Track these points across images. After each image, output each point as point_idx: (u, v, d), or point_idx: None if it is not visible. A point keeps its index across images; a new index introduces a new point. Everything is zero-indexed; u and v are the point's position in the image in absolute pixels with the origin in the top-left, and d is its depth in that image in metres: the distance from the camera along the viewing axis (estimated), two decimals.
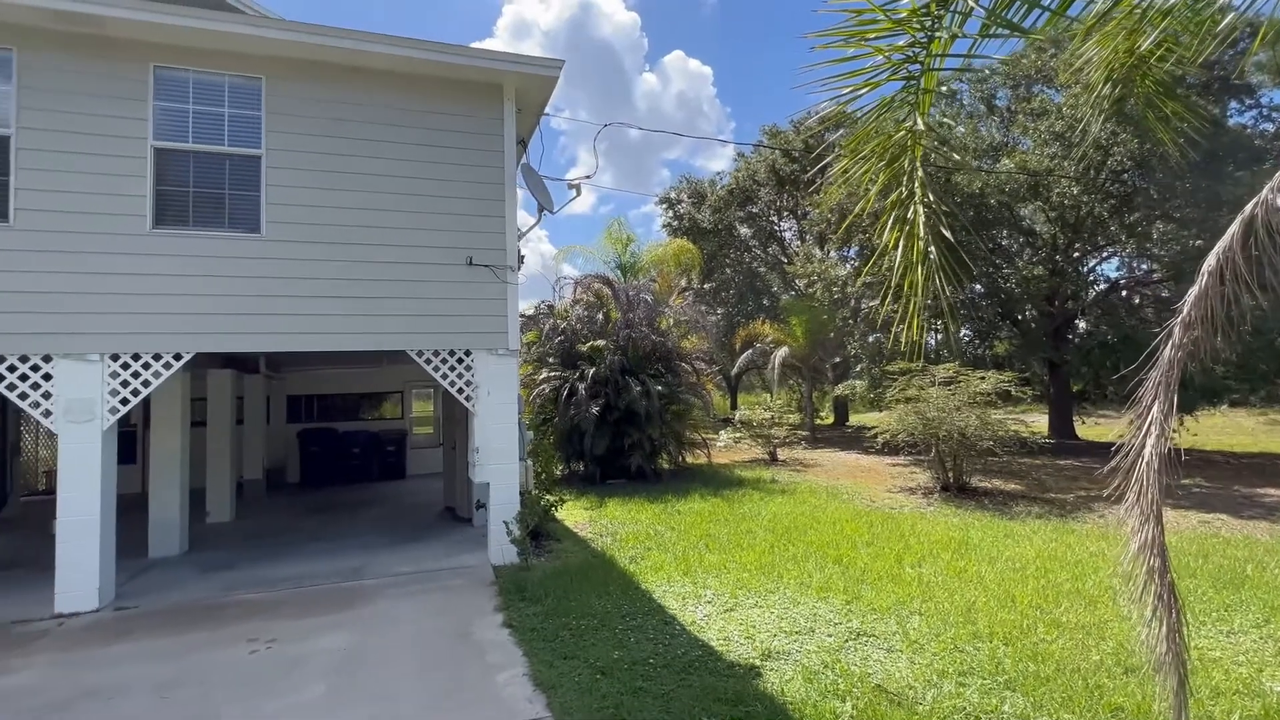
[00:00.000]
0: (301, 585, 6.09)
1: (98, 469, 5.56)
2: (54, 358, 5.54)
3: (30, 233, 5.54)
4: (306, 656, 4.48)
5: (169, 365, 5.82)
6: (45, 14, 5.51)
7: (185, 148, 6.01)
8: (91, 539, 5.51)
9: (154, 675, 4.25)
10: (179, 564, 6.93)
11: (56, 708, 3.86)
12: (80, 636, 4.98)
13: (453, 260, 6.67)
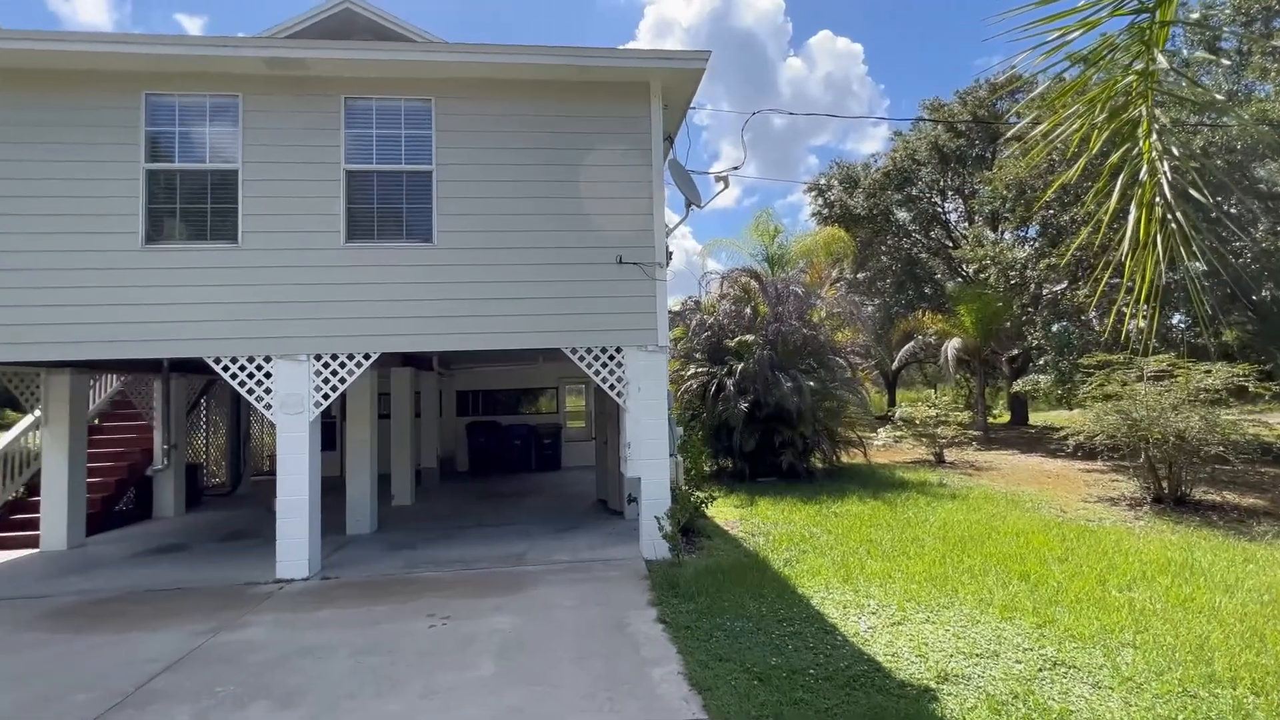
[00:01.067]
0: (471, 567, 6.56)
1: (306, 455, 6.39)
2: (273, 358, 6.45)
3: (254, 251, 6.48)
4: (476, 635, 4.77)
5: (360, 364, 6.54)
6: (261, 63, 6.41)
7: (370, 169, 6.71)
8: (303, 516, 6.35)
9: (353, 641, 4.76)
10: (370, 541, 7.79)
11: (279, 661, 4.45)
12: (295, 601, 5.74)
13: (604, 260, 6.81)
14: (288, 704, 3.85)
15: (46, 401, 7.89)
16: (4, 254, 6.20)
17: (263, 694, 3.98)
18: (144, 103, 6.43)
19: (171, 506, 9.80)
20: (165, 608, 5.67)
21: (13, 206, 6.24)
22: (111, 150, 6.39)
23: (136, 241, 6.35)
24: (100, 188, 6.36)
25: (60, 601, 5.94)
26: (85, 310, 6.27)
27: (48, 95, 6.34)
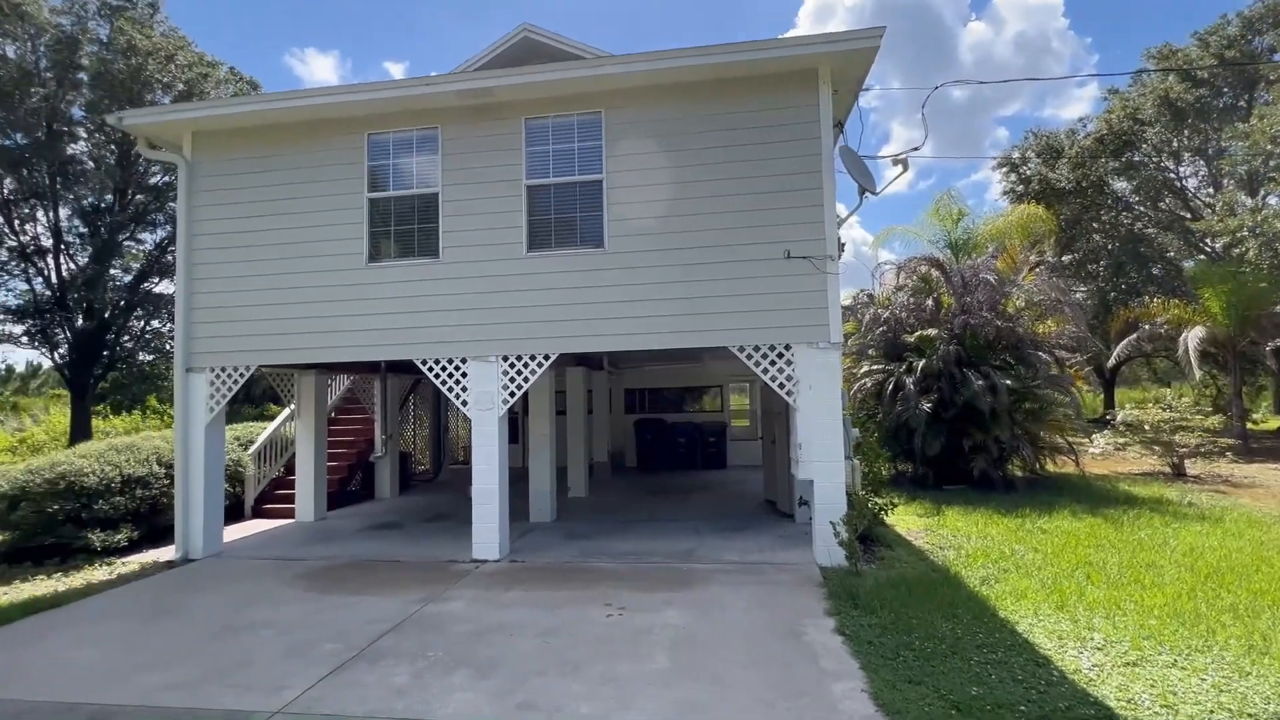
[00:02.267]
0: (643, 560, 6.74)
1: (496, 447, 7.00)
2: (467, 359, 7.15)
3: (452, 264, 7.24)
4: (650, 628, 4.88)
5: (540, 364, 7.02)
6: (454, 95, 7.13)
7: (546, 182, 7.17)
8: (494, 503, 6.96)
9: (538, 621, 5.10)
10: (550, 530, 8.34)
11: (478, 634, 4.91)
12: (488, 580, 6.30)
13: (771, 255, 6.63)
14: (485, 674, 4.22)
15: (298, 398, 9.52)
16: (266, 277, 7.56)
17: (465, 662, 4.41)
18: (366, 142, 7.49)
19: (388, 489, 11.33)
20: (387, 577, 6.53)
21: (273, 238, 7.58)
22: (343, 185, 7.52)
23: (361, 261, 7.40)
24: (334, 217, 7.51)
25: (311, 565, 7.11)
26: (324, 321, 7.44)
27: (296, 142, 7.62)
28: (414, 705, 3.85)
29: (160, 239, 22.08)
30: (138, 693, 4.13)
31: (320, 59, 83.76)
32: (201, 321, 7.70)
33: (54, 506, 7.53)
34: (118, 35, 19.26)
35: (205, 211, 7.79)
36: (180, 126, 7.78)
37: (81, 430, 19.91)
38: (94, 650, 4.93)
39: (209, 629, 5.27)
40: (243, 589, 6.31)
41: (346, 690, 4.08)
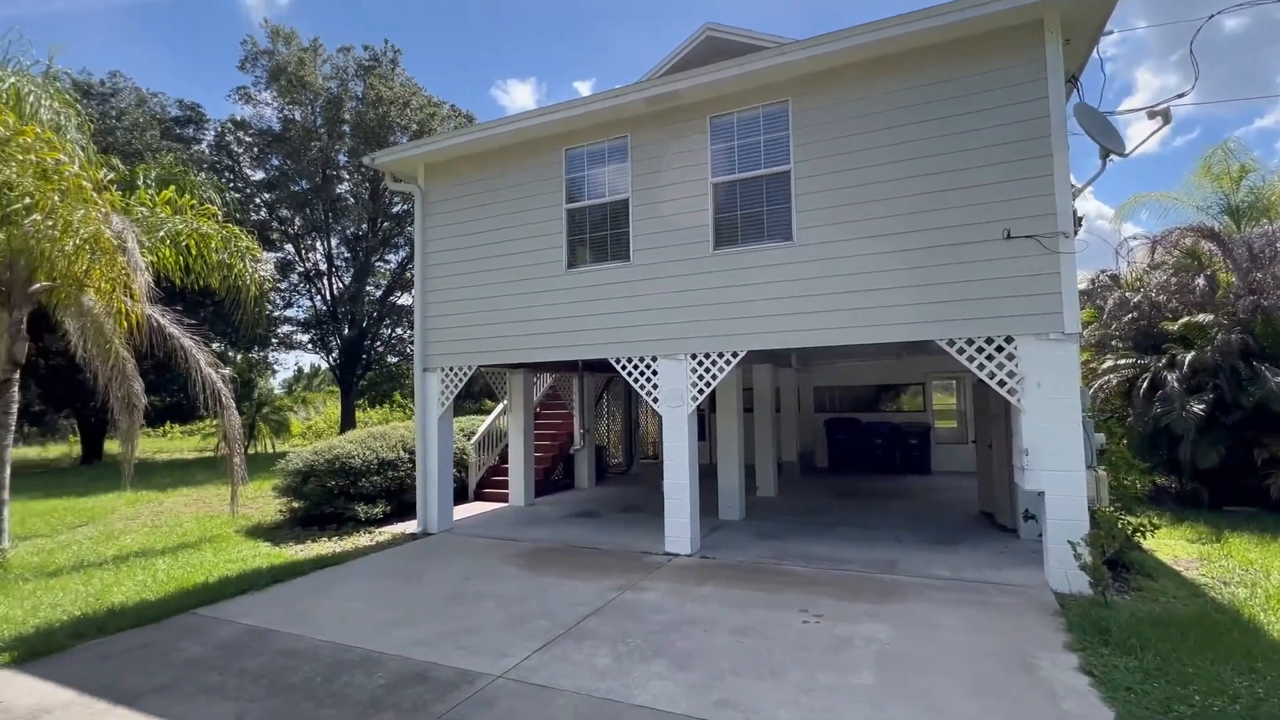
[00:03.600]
0: (839, 567, 6.38)
1: (686, 443, 7.10)
2: (658, 358, 7.35)
3: (641, 266, 7.49)
4: (851, 640, 4.59)
5: (729, 362, 6.98)
6: (642, 103, 7.37)
7: (731, 178, 7.11)
8: (685, 498, 7.08)
9: (732, 619, 5.07)
10: (739, 528, 8.27)
11: (673, 625, 5.01)
12: (681, 574, 6.41)
13: (987, 236, 5.89)
14: (682, 665, 4.28)
15: (510, 394, 10.57)
16: (482, 286, 8.46)
17: (662, 652, 4.52)
18: (563, 157, 8.06)
19: (587, 479, 12.11)
20: (588, 563, 6.96)
21: (487, 251, 8.47)
22: (544, 199, 8.17)
23: (561, 268, 7.97)
24: (537, 229, 8.19)
25: (523, 546, 7.83)
26: (530, 324, 8.14)
27: (504, 163, 8.43)
28: (615, 687, 4.02)
29: (401, 258, 26.02)
30: (394, 644, 4.85)
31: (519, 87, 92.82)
32: (434, 328, 8.88)
33: (331, 482, 9.19)
34: (369, 90, 23.03)
35: (435, 232, 8.97)
36: (415, 161, 9.04)
37: (348, 420, 24.19)
38: (361, 603, 5.90)
39: (443, 595, 6.04)
40: (468, 563, 7.15)
41: (556, 664, 4.40)
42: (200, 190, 9.12)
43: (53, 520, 10.27)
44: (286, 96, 23.05)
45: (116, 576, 6.89)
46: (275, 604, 5.92)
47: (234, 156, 23.63)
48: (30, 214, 5.99)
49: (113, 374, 8.35)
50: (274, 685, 4.26)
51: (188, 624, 5.51)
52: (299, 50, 23.37)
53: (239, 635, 5.19)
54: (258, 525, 9.49)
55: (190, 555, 7.81)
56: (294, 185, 23.57)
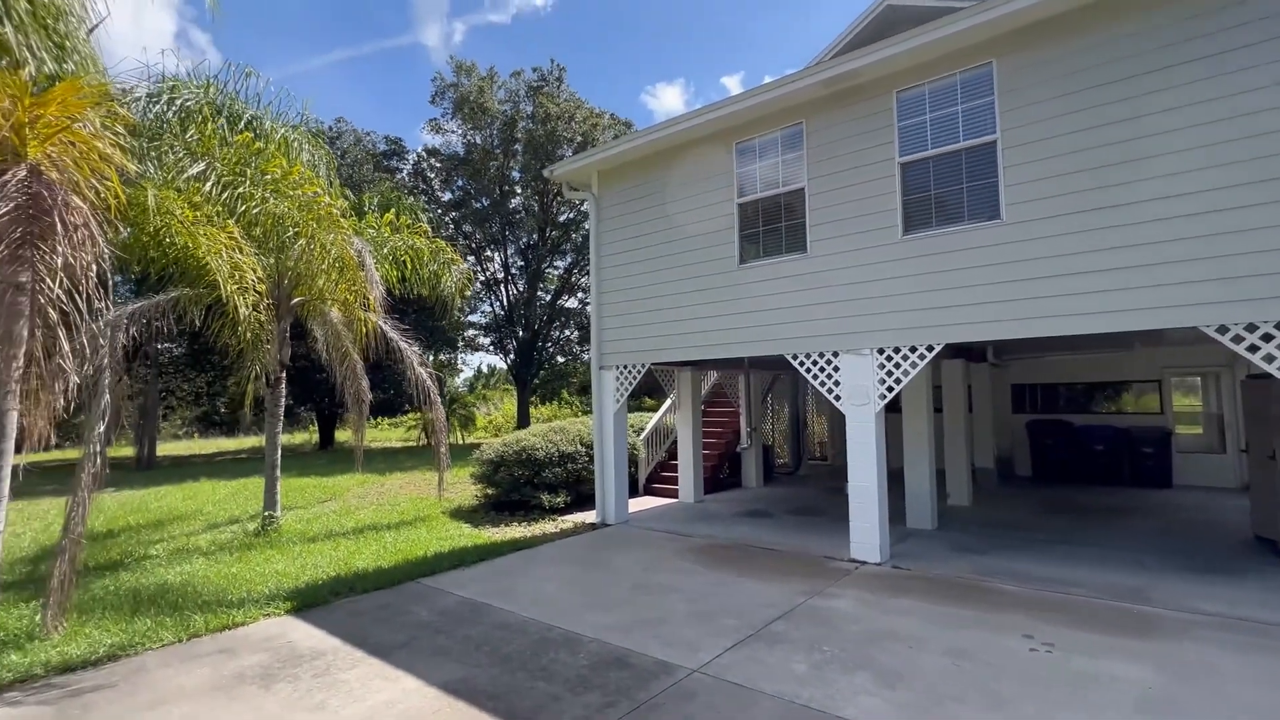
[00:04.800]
0: (1064, 590, 5.60)
1: (873, 444, 6.67)
2: (839, 353, 6.99)
3: (820, 257, 7.16)
4: (1095, 677, 3.98)
5: (922, 356, 6.43)
6: (819, 86, 7.03)
7: (923, 156, 6.54)
8: (873, 503, 6.65)
9: (940, 639, 4.64)
10: (931, 538, 7.60)
11: (871, 638, 4.71)
12: (871, 583, 6.02)
13: (1268, 197, 4.82)
14: (889, 683, 3.99)
15: (678, 391, 10.70)
16: (653, 286, 8.62)
17: (864, 665, 4.25)
18: (733, 151, 7.96)
19: (754, 478, 11.91)
20: (766, 564, 6.80)
21: (658, 251, 8.61)
22: (714, 195, 8.14)
23: (733, 264, 7.89)
24: (707, 226, 8.17)
25: (697, 542, 7.86)
26: (701, 322, 8.15)
27: (672, 164, 8.52)
28: (818, 696, 3.85)
29: (567, 264, 27.57)
30: (590, 627, 5.09)
31: (668, 90, 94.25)
32: (608, 328, 9.24)
33: (518, 472, 9.95)
34: (538, 109, 24.70)
35: (608, 236, 9.33)
36: (588, 169, 9.47)
37: (524, 416, 26.15)
38: (554, 586, 6.29)
39: (628, 584, 6.23)
40: (647, 555, 7.32)
41: (751, 665, 4.32)
42: (411, 212, 10.35)
43: (305, 495, 12.24)
44: (469, 123, 25.45)
45: (357, 545, 8.02)
46: (482, 580, 6.50)
47: (427, 181, 26.60)
48: (297, 240, 7.20)
49: (346, 374, 9.74)
50: (493, 654, 4.65)
51: (415, 591, 6.24)
52: (478, 80, 25.69)
53: (457, 605, 5.76)
54: (458, 508, 10.53)
55: (409, 531, 8.86)
56: (475, 203, 25.98)
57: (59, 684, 4.42)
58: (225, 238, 7.95)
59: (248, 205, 6.82)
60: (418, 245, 9.94)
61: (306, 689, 4.23)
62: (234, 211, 7.09)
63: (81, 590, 6.02)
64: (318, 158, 8.26)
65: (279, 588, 6.25)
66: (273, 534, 8.75)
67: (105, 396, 5.53)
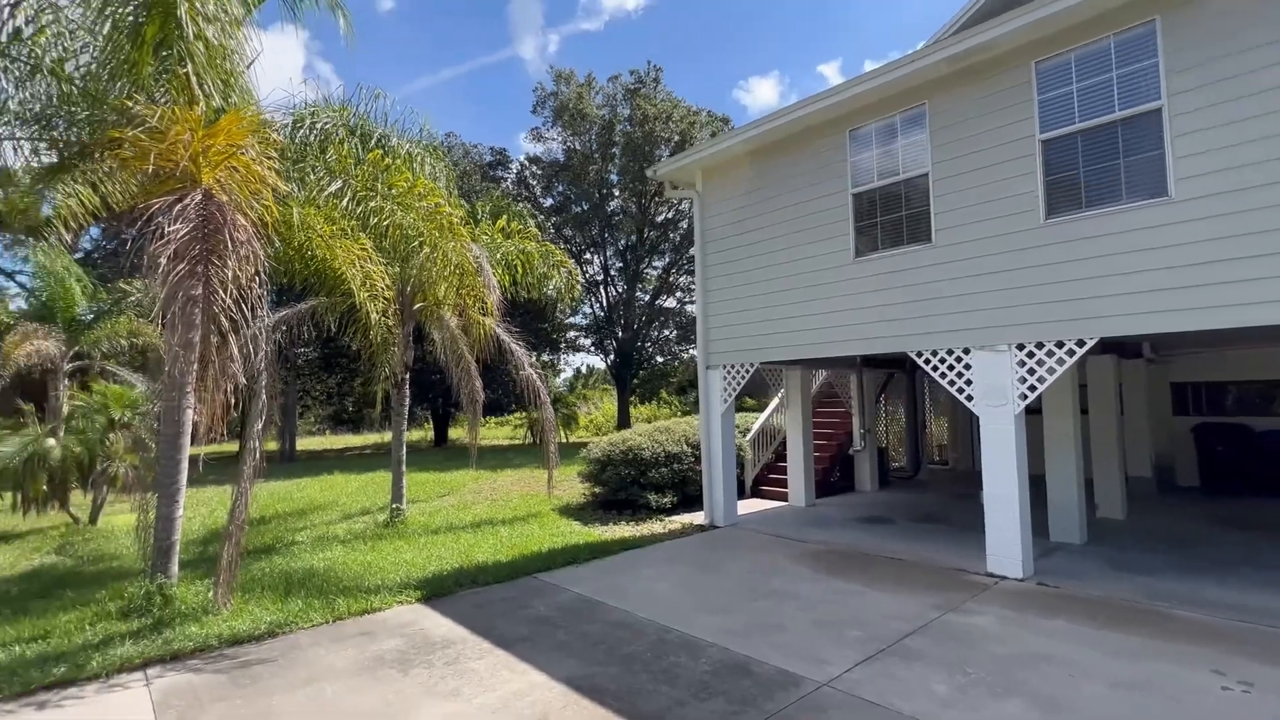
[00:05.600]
0: (1259, 621, 4.85)
1: (1013, 449, 6.10)
2: (970, 349, 6.46)
3: (946, 247, 6.67)
4: None
5: (1071, 352, 5.81)
6: (944, 63, 6.54)
7: (1069, 130, 5.91)
8: (1013, 513, 6.09)
9: (1105, 668, 4.15)
10: (1081, 554, 6.86)
11: (1021, 660, 4.28)
12: (1015, 600, 5.50)
13: None
14: (1048, 713, 3.60)
15: (786, 391, 10.37)
16: (761, 283, 8.39)
17: (1016, 691, 3.87)
18: (847, 139, 7.59)
19: (868, 483, 11.33)
20: (890, 573, 6.41)
21: (766, 248, 8.37)
22: (826, 186, 7.79)
23: (847, 257, 7.51)
24: (819, 219, 7.84)
25: (811, 547, 7.55)
26: (814, 319, 7.83)
27: (780, 157, 8.25)
28: None
29: (666, 264, 27.64)
30: (707, 631, 4.99)
31: (762, 84, 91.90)
32: (715, 326, 9.10)
33: (625, 471, 10.02)
34: (635, 111, 24.93)
35: (713, 234, 9.19)
36: (692, 167, 9.37)
37: (624, 415, 26.48)
38: (665, 586, 6.24)
39: (742, 588, 6.07)
40: (759, 559, 7.12)
41: (885, 682, 4.06)
42: (520, 218, 10.73)
43: (425, 490, 13.01)
44: (569, 129, 26.14)
45: (475, 539, 8.38)
46: (595, 577, 6.58)
47: (530, 188, 27.58)
48: (421, 249, 7.66)
49: (462, 375, 10.22)
50: (612, 653, 4.67)
51: (533, 586, 6.41)
52: (577, 87, 26.32)
53: (573, 601, 5.85)
54: (567, 505, 10.78)
55: (522, 527, 9.16)
56: (576, 207, 26.64)
57: (230, 655, 4.90)
58: (358, 249, 8.58)
59: (379, 218, 7.32)
60: (528, 249, 10.27)
61: (440, 675, 4.42)
62: (366, 224, 7.64)
63: (243, 571, 6.66)
64: (438, 170, 8.74)
65: (409, 577, 6.63)
66: (400, 525, 9.34)
67: (262, 397, 6.10)
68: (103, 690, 4.36)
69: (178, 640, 5.02)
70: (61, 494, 9.73)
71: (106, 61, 6.39)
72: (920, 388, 13.60)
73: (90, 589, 6.60)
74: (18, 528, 10.15)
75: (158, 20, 6.07)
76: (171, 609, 5.59)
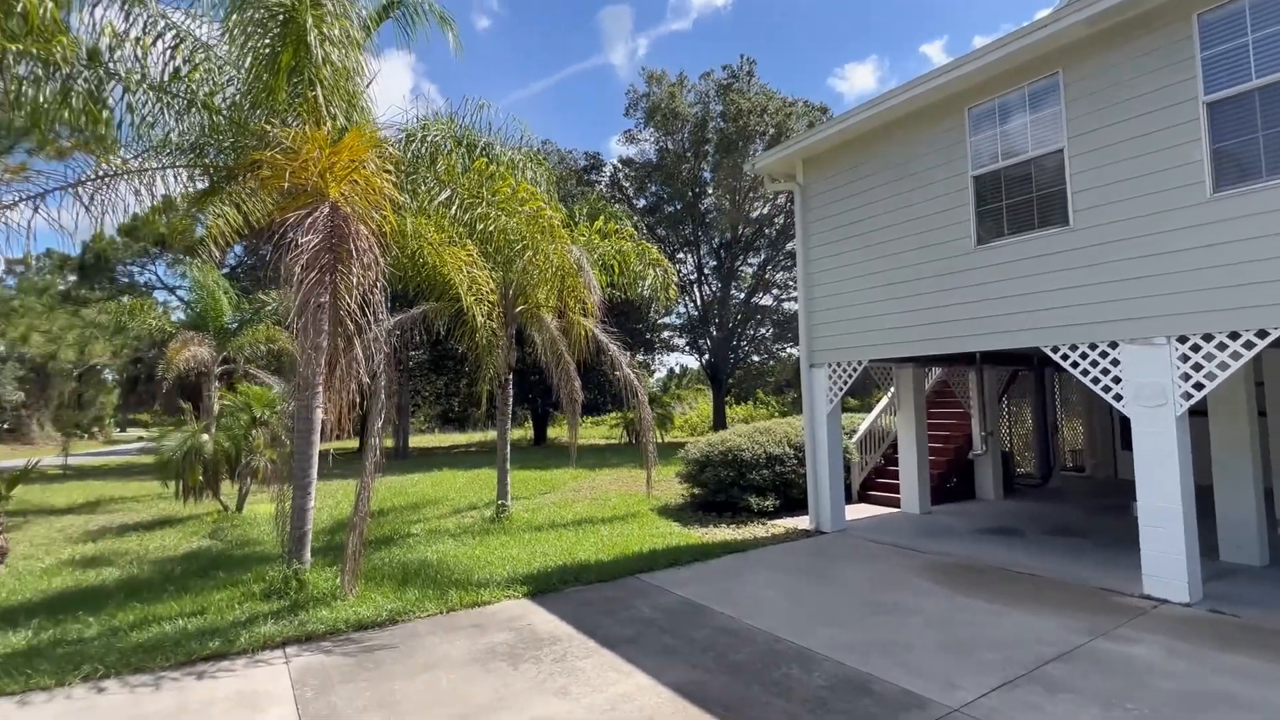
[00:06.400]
0: None
1: (1175, 457, 5.37)
2: (1119, 343, 5.75)
3: (1087, 230, 5.98)
4: None
5: (1250, 345, 5.02)
6: (1082, 24, 5.86)
7: (1244, 89, 5.12)
8: (1174, 527, 5.36)
9: None
10: (1262, 577, 5.94)
11: (1199, 701, 3.72)
12: (1181, 629, 4.82)
13: None
14: None
15: (897, 390, 9.76)
16: (869, 276, 7.92)
17: None
18: (966, 117, 7.00)
19: (991, 490, 10.46)
20: (1024, 591, 5.82)
21: (874, 239, 7.89)
22: (941, 170, 7.23)
23: (968, 245, 6.93)
24: (933, 206, 7.29)
25: (930, 559, 7.02)
26: (929, 313, 7.28)
27: (887, 142, 7.75)
28: None
29: (761, 261, 27.05)
30: (821, 643, 4.72)
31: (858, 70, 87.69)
32: (819, 323, 8.71)
33: (724, 472, 9.81)
34: (729, 106, 24.55)
35: (816, 226, 8.80)
36: (793, 158, 9.02)
37: (719, 416, 26.15)
38: (774, 593, 6.00)
39: (858, 600, 5.72)
40: (874, 569, 6.70)
41: (1027, 713, 3.65)
42: (617, 218, 10.80)
43: (527, 488, 13.40)
44: (661, 129, 26.16)
45: (577, 537, 8.49)
46: (699, 580, 6.45)
47: (623, 190, 27.87)
48: (524, 252, 7.89)
49: (561, 376, 10.42)
50: (721, 660, 4.52)
51: (635, 586, 6.38)
52: (669, 86, 26.29)
53: (678, 604, 5.75)
54: (665, 506, 10.71)
55: (622, 526, 9.18)
56: (668, 207, 26.63)
57: (356, 639, 5.19)
58: (464, 255, 8.95)
59: (484, 223, 7.59)
60: (624, 249, 10.31)
61: (549, 672, 4.45)
62: (472, 230, 7.95)
63: (365, 560, 7.09)
64: (539, 175, 8.95)
65: (515, 572, 6.79)
66: (505, 521, 9.64)
67: (381, 396, 6.47)
68: (249, 665, 4.75)
69: (311, 622, 5.39)
70: (214, 484, 10.83)
71: (248, 91, 7.00)
72: (1050, 386, 12.42)
73: (237, 571, 7.26)
74: (179, 513, 11.42)
75: (291, 48, 6.58)
76: (305, 593, 6.02)
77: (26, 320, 17.59)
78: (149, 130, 6.78)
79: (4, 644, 5.15)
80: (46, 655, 4.86)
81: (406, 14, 8.12)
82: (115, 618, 5.70)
